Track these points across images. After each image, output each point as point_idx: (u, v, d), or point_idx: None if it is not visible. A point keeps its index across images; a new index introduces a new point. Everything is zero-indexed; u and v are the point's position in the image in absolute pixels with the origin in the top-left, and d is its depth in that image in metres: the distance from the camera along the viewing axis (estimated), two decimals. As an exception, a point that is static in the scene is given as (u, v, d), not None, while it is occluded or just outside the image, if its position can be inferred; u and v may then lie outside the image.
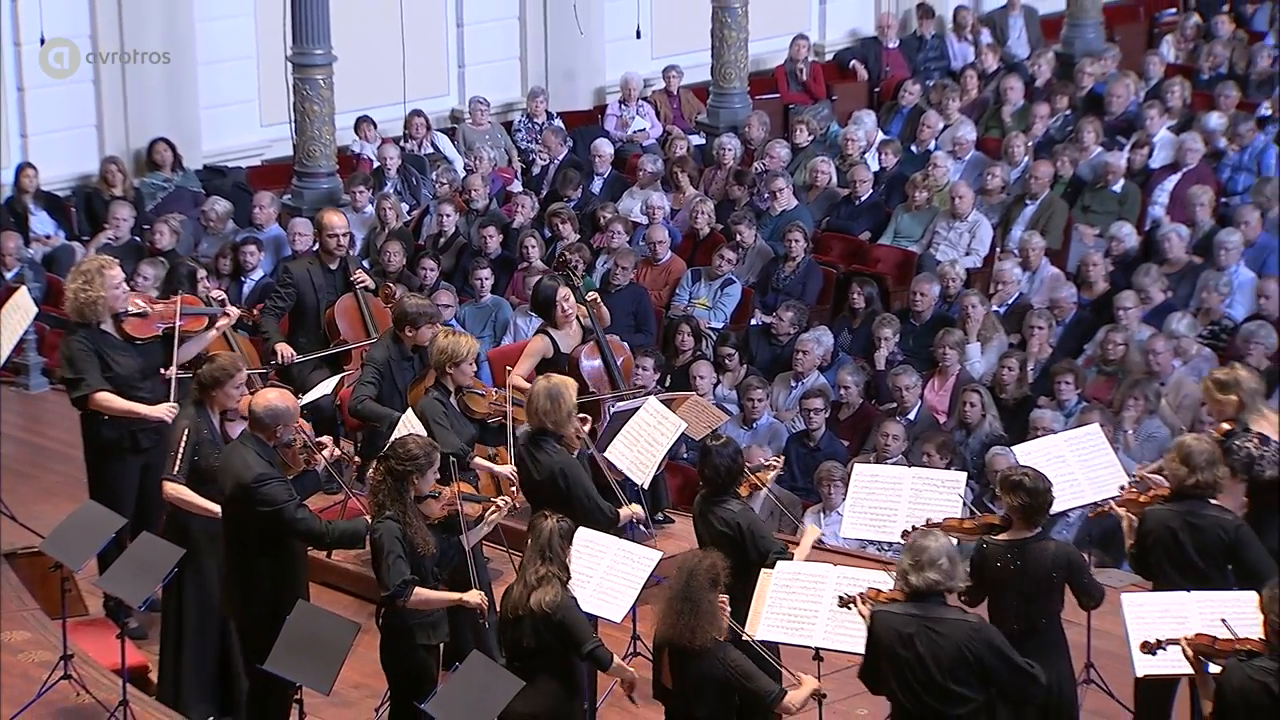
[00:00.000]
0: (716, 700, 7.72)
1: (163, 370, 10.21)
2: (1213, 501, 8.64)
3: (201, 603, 9.43)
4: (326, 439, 9.61)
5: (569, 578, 8.05)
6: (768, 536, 8.81)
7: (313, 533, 8.91)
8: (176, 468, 9.25)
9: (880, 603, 7.67)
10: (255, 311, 11.64)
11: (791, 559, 8.67)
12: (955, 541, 7.82)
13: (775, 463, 9.72)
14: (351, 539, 9.09)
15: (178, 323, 10.28)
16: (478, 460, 9.96)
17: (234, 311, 10.79)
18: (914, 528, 8.52)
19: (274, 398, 9.07)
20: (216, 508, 9.10)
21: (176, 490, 9.26)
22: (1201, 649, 7.39)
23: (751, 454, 11.40)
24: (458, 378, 9.83)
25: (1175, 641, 7.49)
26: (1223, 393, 9.25)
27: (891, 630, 7.49)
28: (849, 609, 7.93)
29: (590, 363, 11.16)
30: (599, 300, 11.68)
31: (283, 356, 11.43)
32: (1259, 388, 9.48)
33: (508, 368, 11.20)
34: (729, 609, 7.85)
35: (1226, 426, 9.16)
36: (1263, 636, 7.19)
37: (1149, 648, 7.70)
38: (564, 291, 11.17)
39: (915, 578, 7.45)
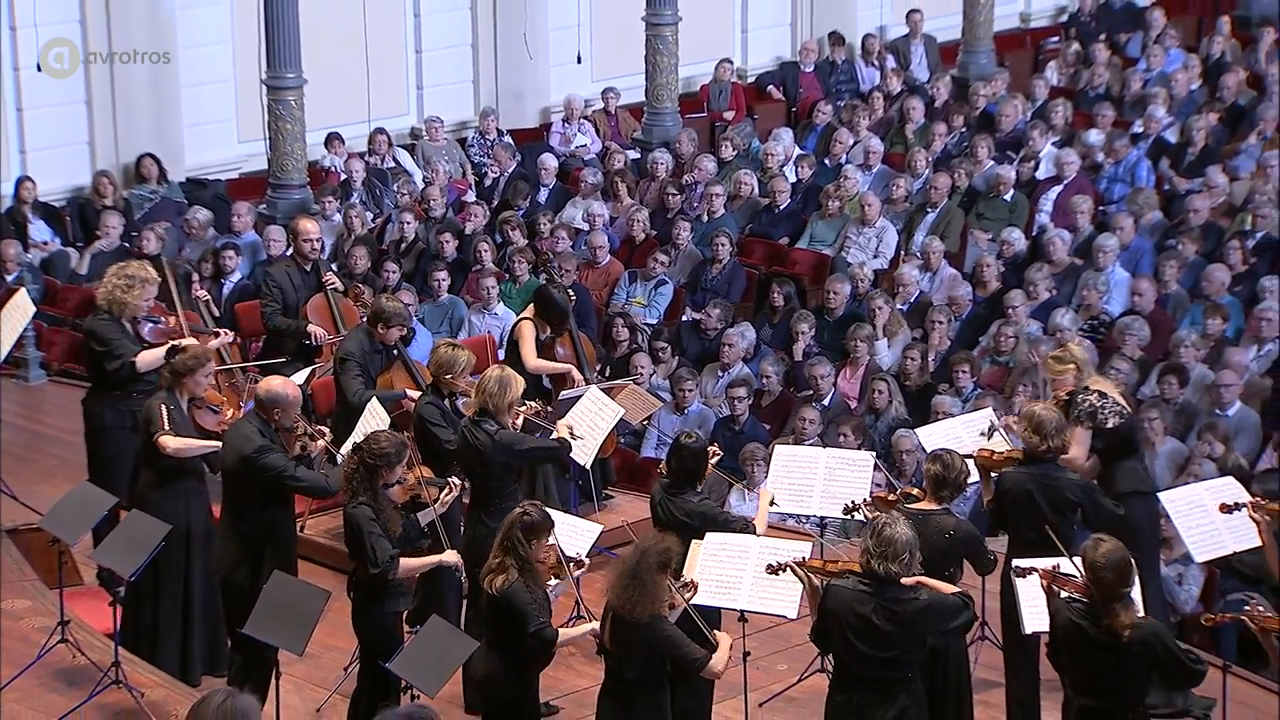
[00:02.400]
0: (644, 664, 7.73)
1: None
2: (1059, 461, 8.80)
3: (172, 566, 9.39)
4: (324, 429, 9.57)
5: (524, 566, 7.98)
6: (729, 518, 8.78)
7: (315, 486, 9.06)
8: (166, 426, 9.16)
9: (831, 574, 7.71)
10: (236, 340, 11.87)
11: (755, 532, 8.68)
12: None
13: (716, 451, 9.69)
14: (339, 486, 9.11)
15: (184, 339, 10.34)
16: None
17: (227, 337, 11.19)
18: (865, 502, 8.62)
19: (277, 384, 9.15)
20: (215, 444, 9.15)
21: (174, 440, 9.18)
22: (1055, 582, 7.57)
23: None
24: (452, 385, 9.75)
25: (1031, 572, 7.74)
26: (1061, 365, 9.51)
27: (846, 603, 7.51)
28: (778, 575, 7.97)
29: (562, 350, 11.23)
30: (574, 297, 11.83)
31: (317, 336, 11.56)
32: (1090, 358, 9.80)
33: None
34: (675, 590, 7.85)
35: (1065, 395, 9.35)
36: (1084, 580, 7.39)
37: (1021, 572, 7.90)
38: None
39: (879, 565, 7.46)
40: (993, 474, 8.95)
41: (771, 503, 9.02)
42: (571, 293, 11.70)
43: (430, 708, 4.82)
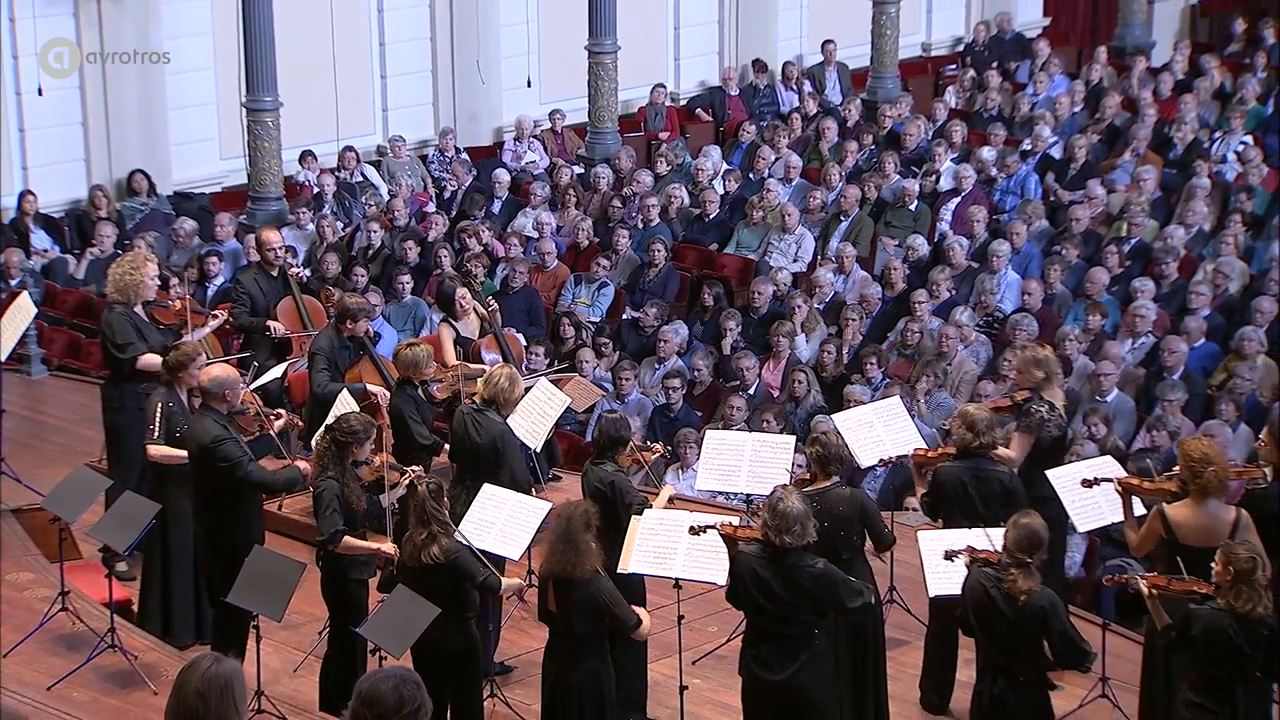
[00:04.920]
0: (593, 620, 7.74)
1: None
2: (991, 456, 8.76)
3: (183, 546, 9.34)
4: (281, 411, 9.59)
5: (450, 529, 7.96)
6: (631, 492, 8.80)
7: (264, 482, 8.93)
8: (157, 433, 9.20)
9: (742, 539, 7.73)
10: (228, 322, 11.72)
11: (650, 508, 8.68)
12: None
13: (658, 448, 9.68)
14: (292, 483, 9.12)
15: (189, 315, 10.56)
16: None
17: (221, 314, 11.08)
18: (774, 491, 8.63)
19: (216, 371, 9.08)
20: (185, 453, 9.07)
21: (157, 449, 9.22)
22: (973, 558, 7.60)
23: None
24: (421, 376, 9.76)
25: (961, 552, 7.69)
26: (1035, 368, 9.30)
27: (750, 567, 7.56)
28: (698, 535, 8.01)
29: (489, 355, 11.22)
30: (496, 305, 11.77)
31: (274, 330, 11.46)
32: (1059, 370, 9.62)
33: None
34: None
35: (1022, 395, 9.26)
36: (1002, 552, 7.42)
37: (950, 555, 7.87)
38: (462, 291, 11.40)
39: (775, 536, 7.48)
40: (924, 470, 8.95)
41: (671, 500, 9.05)
42: (494, 301, 11.76)
43: (414, 673, 4.79)
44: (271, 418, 9.37)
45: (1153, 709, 8.10)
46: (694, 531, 8.04)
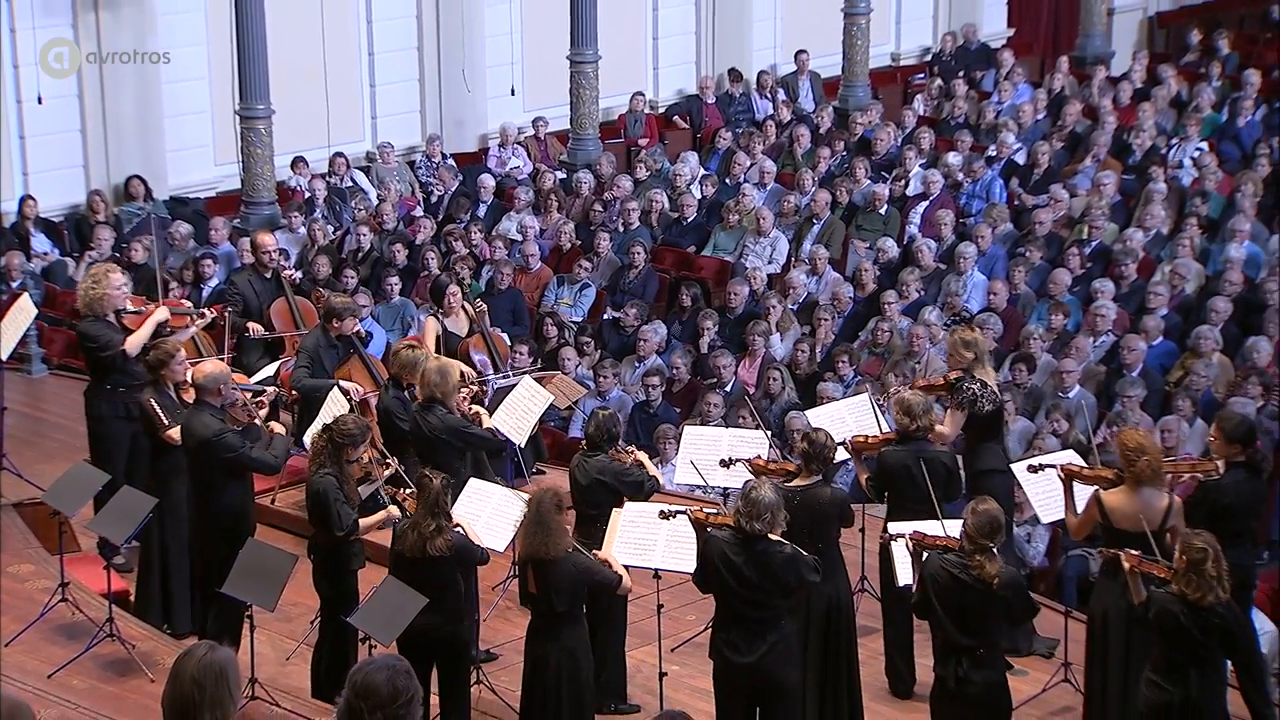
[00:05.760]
0: (571, 595, 7.82)
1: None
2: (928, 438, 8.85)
3: (179, 537, 9.32)
4: (270, 389, 9.61)
5: (452, 523, 8.00)
6: (630, 472, 8.81)
7: (266, 463, 8.97)
8: (166, 420, 9.18)
9: (712, 525, 7.75)
10: (225, 311, 11.62)
11: (657, 482, 8.84)
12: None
13: (633, 450, 9.65)
14: (286, 454, 9.18)
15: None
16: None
17: (208, 314, 10.86)
18: (743, 461, 8.64)
19: (208, 367, 9.08)
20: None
21: (177, 431, 9.13)
22: (921, 543, 7.68)
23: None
24: (411, 379, 9.64)
25: (904, 537, 7.82)
26: (966, 350, 9.41)
27: (719, 550, 7.58)
28: (669, 520, 8.08)
29: (477, 354, 11.21)
30: (485, 306, 11.77)
31: (253, 331, 11.42)
32: (988, 350, 9.79)
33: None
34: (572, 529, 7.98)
35: (954, 375, 9.34)
36: (961, 537, 7.48)
37: (891, 538, 7.98)
38: (453, 288, 11.37)
39: (746, 523, 7.51)
40: (864, 455, 9.01)
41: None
42: (466, 286, 11.76)
43: (404, 660, 4.79)
44: (257, 406, 9.36)
45: (1093, 688, 8.18)
46: (664, 516, 8.10)
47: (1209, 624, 7.19)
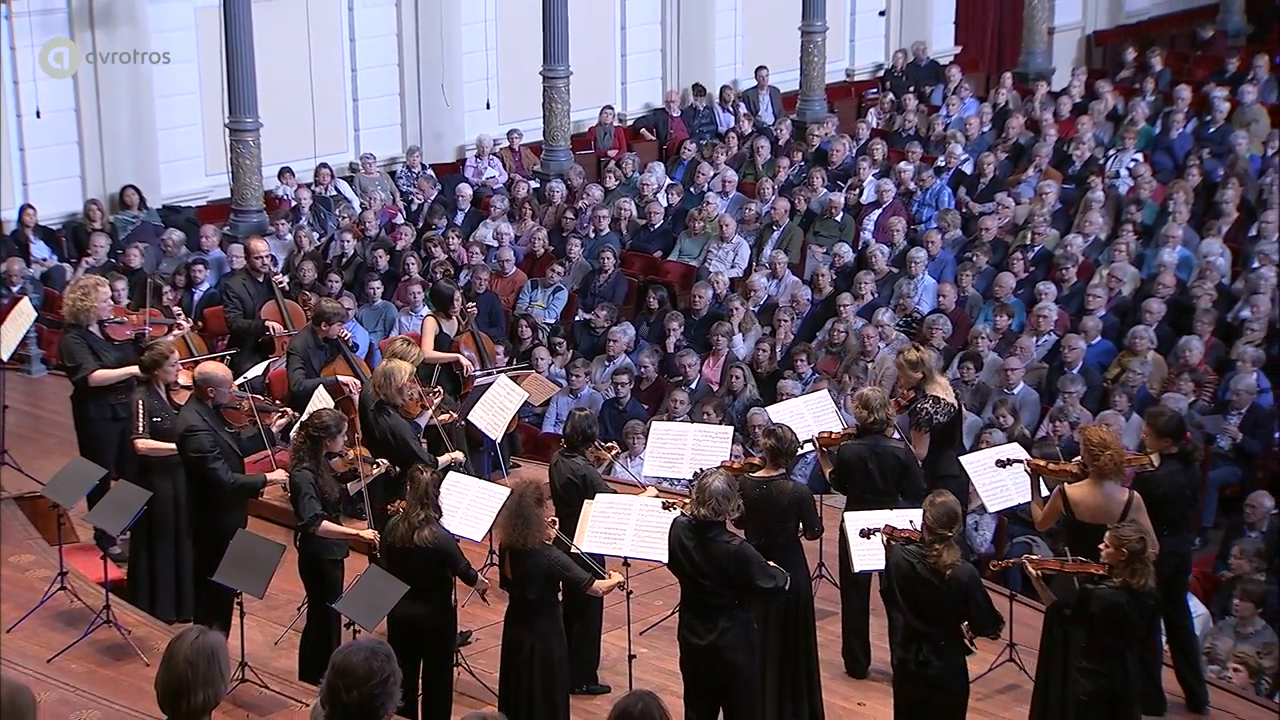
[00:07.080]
0: (542, 585, 7.80)
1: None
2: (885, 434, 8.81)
3: (164, 529, 9.26)
4: (287, 410, 9.40)
5: (440, 516, 7.97)
6: (601, 485, 8.80)
7: (220, 481, 8.66)
8: (141, 428, 9.11)
9: (680, 506, 7.76)
10: (199, 322, 11.63)
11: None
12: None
13: (614, 446, 9.65)
14: (250, 490, 8.90)
15: (147, 329, 10.33)
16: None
17: (185, 325, 10.86)
18: (701, 470, 8.60)
19: (209, 368, 9.01)
20: (172, 446, 8.95)
21: (144, 443, 9.13)
22: (892, 535, 7.63)
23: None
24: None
25: (879, 530, 7.71)
26: (913, 370, 9.33)
27: (678, 537, 7.59)
28: (670, 510, 7.98)
29: (466, 351, 11.19)
30: (475, 308, 11.79)
31: (273, 330, 11.25)
32: (936, 365, 9.70)
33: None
34: (557, 521, 7.90)
35: (909, 395, 9.31)
36: (923, 529, 7.46)
37: (865, 533, 7.89)
38: (459, 295, 11.21)
39: (694, 508, 7.50)
40: (829, 450, 8.99)
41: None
42: (460, 292, 11.63)
43: (386, 644, 4.78)
44: (276, 415, 9.26)
45: (1049, 674, 8.20)
46: (666, 507, 8.03)
47: (1145, 607, 7.24)
